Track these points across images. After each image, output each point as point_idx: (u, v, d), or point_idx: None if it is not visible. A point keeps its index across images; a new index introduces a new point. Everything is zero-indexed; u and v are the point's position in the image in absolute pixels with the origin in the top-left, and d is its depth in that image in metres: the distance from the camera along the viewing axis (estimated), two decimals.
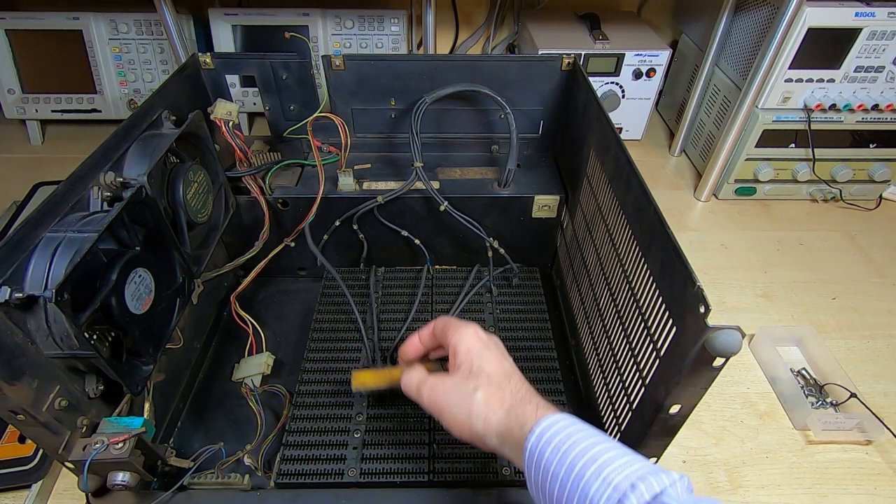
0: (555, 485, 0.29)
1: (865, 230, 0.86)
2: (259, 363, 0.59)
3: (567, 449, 0.30)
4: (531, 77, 0.66)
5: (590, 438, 0.30)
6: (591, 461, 0.29)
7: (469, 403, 0.37)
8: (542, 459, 0.30)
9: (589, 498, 0.28)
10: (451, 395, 0.39)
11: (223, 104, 0.58)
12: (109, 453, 0.40)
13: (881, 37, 0.74)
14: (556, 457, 0.30)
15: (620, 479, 0.27)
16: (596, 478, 0.28)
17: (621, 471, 0.28)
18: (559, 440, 0.30)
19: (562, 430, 0.31)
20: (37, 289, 0.37)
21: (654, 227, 0.40)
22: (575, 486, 0.28)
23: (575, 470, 0.29)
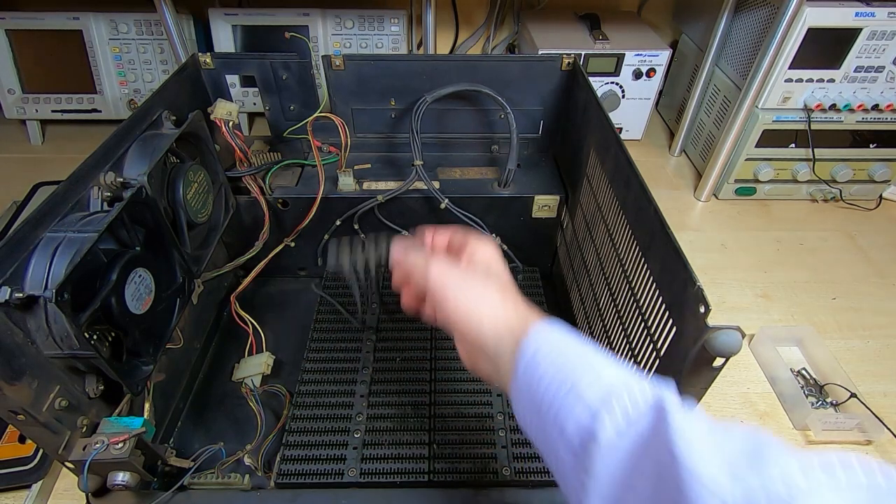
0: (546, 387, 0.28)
1: (865, 230, 0.86)
2: (259, 363, 0.59)
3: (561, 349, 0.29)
4: (531, 77, 0.66)
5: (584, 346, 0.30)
6: (584, 364, 0.28)
7: (481, 293, 0.35)
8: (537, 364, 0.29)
9: (581, 398, 0.27)
10: (463, 281, 0.35)
11: (223, 104, 0.58)
12: (109, 453, 0.40)
13: (881, 37, 0.74)
14: (551, 361, 0.29)
15: (615, 379, 0.27)
16: (587, 372, 0.27)
17: (614, 374, 0.27)
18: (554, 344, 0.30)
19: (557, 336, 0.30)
20: (37, 289, 0.37)
21: (654, 227, 0.40)
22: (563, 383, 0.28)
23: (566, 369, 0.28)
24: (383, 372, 0.58)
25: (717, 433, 0.23)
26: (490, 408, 0.54)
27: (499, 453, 0.51)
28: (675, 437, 0.23)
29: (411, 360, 0.60)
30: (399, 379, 0.57)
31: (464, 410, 0.54)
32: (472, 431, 0.52)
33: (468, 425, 0.53)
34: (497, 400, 0.55)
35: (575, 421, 0.26)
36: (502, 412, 0.54)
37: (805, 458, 0.21)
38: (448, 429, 0.53)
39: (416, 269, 0.38)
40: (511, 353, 0.31)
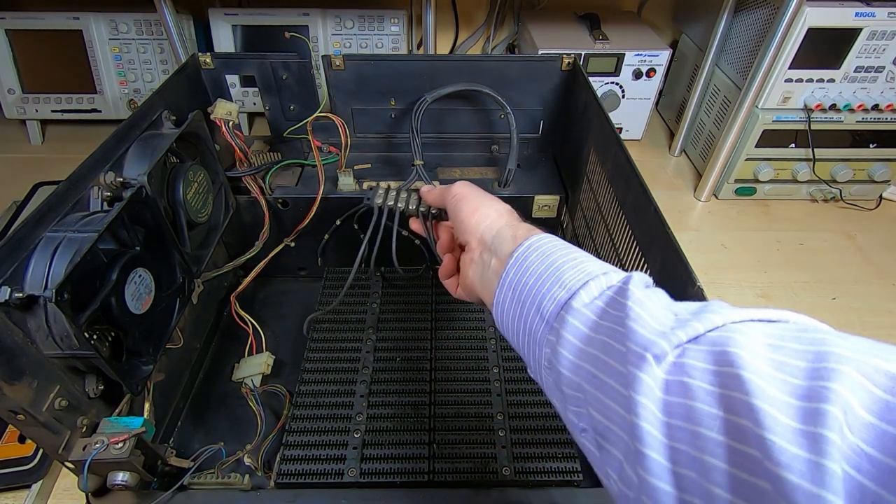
0: (531, 277, 0.31)
1: (865, 230, 0.86)
2: (259, 363, 0.59)
3: (552, 252, 0.31)
4: (531, 77, 0.66)
5: (577, 251, 0.32)
6: (571, 260, 0.30)
7: (493, 201, 0.39)
8: (526, 261, 0.32)
9: (561, 281, 0.29)
10: (480, 193, 0.41)
11: (223, 104, 0.58)
12: (109, 453, 0.40)
13: (881, 37, 0.74)
14: (541, 258, 0.31)
15: (593, 268, 0.29)
16: (572, 268, 0.30)
17: (596, 265, 0.30)
18: (548, 247, 0.32)
19: (553, 241, 0.33)
20: (37, 289, 0.38)
21: (654, 227, 0.40)
22: (550, 275, 0.30)
23: (555, 264, 0.30)
24: (383, 372, 0.58)
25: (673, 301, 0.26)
26: (490, 408, 0.54)
27: (499, 453, 0.51)
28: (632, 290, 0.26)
29: (411, 360, 0.60)
30: (399, 379, 0.57)
31: (464, 410, 0.54)
32: (472, 431, 0.52)
33: (468, 425, 0.53)
34: (497, 400, 0.55)
35: (552, 298, 0.29)
36: (502, 412, 0.54)
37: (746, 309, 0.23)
38: (448, 429, 0.53)
39: (442, 188, 0.44)
40: (507, 251, 0.34)
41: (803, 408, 0.18)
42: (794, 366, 0.19)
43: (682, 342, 0.22)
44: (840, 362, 0.18)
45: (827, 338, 0.20)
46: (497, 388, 0.56)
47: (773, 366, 0.20)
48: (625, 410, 0.23)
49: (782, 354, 0.20)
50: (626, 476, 0.23)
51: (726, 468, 0.19)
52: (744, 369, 0.20)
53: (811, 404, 0.18)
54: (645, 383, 0.22)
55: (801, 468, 0.17)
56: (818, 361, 0.19)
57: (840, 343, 0.19)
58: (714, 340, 0.22)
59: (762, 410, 0.18)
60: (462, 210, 0.40)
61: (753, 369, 0.20)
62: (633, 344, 0.23)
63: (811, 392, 0.18)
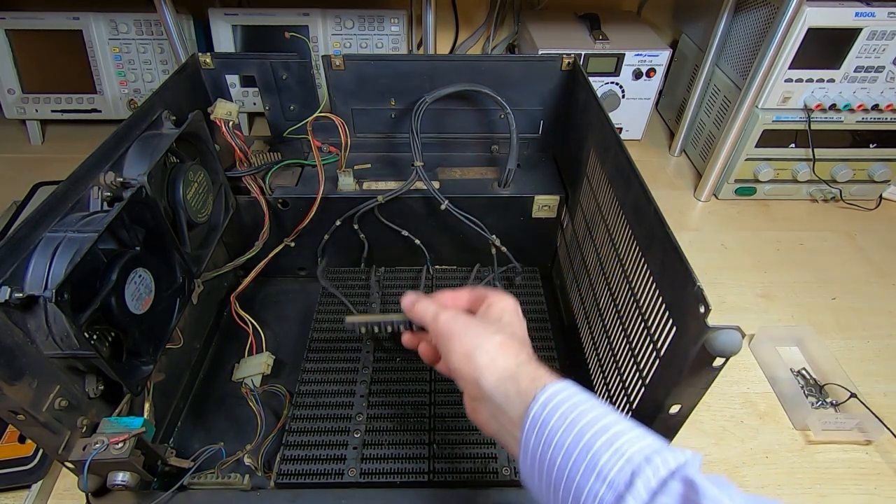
0: (559, 453, 0.27)
1: (865, 230, 0.86)
2: (259, 363, 0.59)
3: (575, 417, 0.28)
4: (531, 77, 0.66)
5: (598, 409, 0.28)
6: (602, 431, 0.27)
7: (484, 340, 0.35)
8: (547, 426, 0.28)
9: (598, 468, 0.26)
10: (469, 327, 0.36)
11: (223, 104, 0.58)
12: (109, 453, 0.40)
13: (881, 37, 0.74)
14: (563, 424, 0.28)
15: (634, 451, 0.26)
16: (607, 448, 0.26)
17: (634, 443, 0.26)
18: (566, 408, 0.29)
19: (569, 398, 0.29)
20: (37, 289, 0.37)
21: (654, 227, 0.40)
22: (583, 455, 0.27)
23: (584, 439, 0.27)
24: (383, 372, 0.58)
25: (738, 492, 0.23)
26: None
27: (499, 453, 0.51)
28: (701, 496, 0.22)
29: (411, 359, 0.59)
30: (399, 379, 0.57)
31: (464, 410, 0.54)
32: (472, 431, 0.52)
33: (468, 425, 0.53)
34: None
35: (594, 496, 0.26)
36: None
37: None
38: (448, 429, 0.53)
39: (426, 314, 0.38)
40: (518, 413, 0.30)
41: None
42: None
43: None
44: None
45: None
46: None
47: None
48: None
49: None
50: None
51: None
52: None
53: None
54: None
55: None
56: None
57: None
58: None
59: None
60: (452, 352, 0.35)
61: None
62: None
63: None
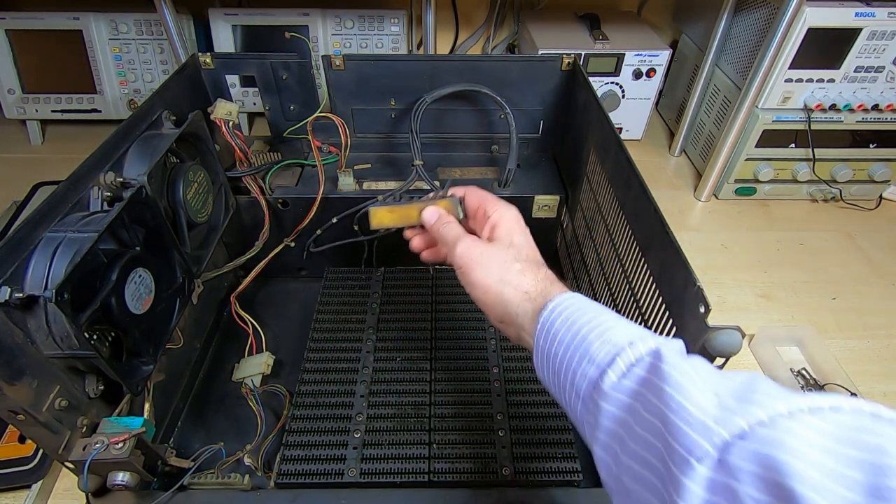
0: (559, 349, 0.31)
1: (865, 230, 0.86)
2: (259, 363, 0.59)
3: (575, 318, 0.31)
4: (531, 77, 0.66)
5: (597, 310, 0.32)
6: (595, 326, 0.30)
7: (506, 269, 0.37)
8: (552, 329, 0.32)
9: (589, 354, 0.29)
10: (488, 257, 0.38)
11: (223, 104, 0.58)
12: (109, 453, 0.40)
13: (881, 37, 0.74)
14: (565, 325, 0.31)
15: (620, 338, 0.29)
16: (597, 338, 0.29)
17: (621, 332, 0.29)
18: (569, 312, 0.32)
19: (573, 304, 0.32)
20: (37, 289, 0.38)
21: (654, 227, 0.40)
22: (577, 347, 0.30)
23: (579, 334, 0.30)
24: (383, 372, 0.58)
25: (713, 374, 0.25)
26: (490, 408, 0.54)
27: (499, 453, 0.50)
28: (668, 371, 0.25)
29: (411, 360, 0.59)
30: (399, 379, 0.57)
31: (464, 410, 0.54)
32: (472, 431, 0.52)
33: (468, 425, 0.53)
34: (497, 400, 0.55)
35: (584, 376, 0.29)
36: (502, 412, 0.54)
37: (793, 396, 0.22)
38: (448, 429, 0.53)
39: (447, 239, 0.41)
40: (530, 322, 0.34)
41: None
42: (852, 478, 0.18)
43: (726, 441, 0.21)
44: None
45: (886, 445, 0.18)
46: (497, 388, 0.56)
47: (828, 476, 0.18)
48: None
49: (837, 462, 0.19)
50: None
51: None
52: (797, 481, 0.18)
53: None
54: (690, 490, 0.21)
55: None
56: (877, 475, 0.18)
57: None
58: (763, 440, 0.21)
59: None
60: (475, 285, 0.38)
61: (807, 482, 0.18)
62: (676, 443, 0.23)
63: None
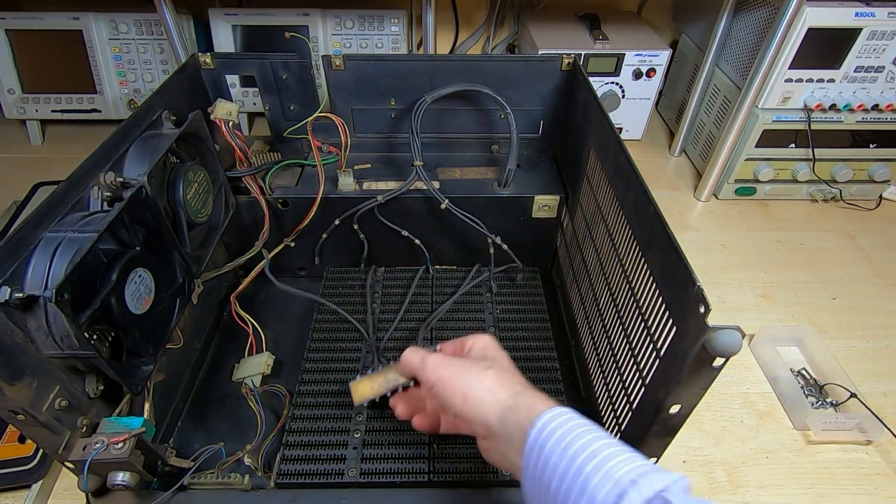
0: (553, 477, 0.29)
1: (865, 230, 0.86)
2: (259, 363, 0.59)
3: (569, 443, 0.30)
4: (531, 77, 0.66)
5: (591, 434, 0.30)
6: (592, 456, 0.28)
7: (480, 377, 0.37)
8: (543, 452, 0.30)
9: (588, 492, 0.27)
10: (461, 368, 0.38)
11: (223, 104, 0.58)
12: (109, 453, 0.40)
13: (881, 37, 0.74)
14: (557, 450, 0.30)
15: (621, 474, 0.27)
16: (596, 472, 0.28)
17: (622, 467, 0.28)
18: (561, 433, 0.30)
19: (564, 423, 0.31)
20: (37, 289, 0.37)
21: (655, 227, 0.40)
22: (575, 479, 0.28)
23: (576, 463, 0.29)
24: None
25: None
26: None
27: None
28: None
29: None
30: None
31: None
32: None
33: None
34: None
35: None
36: None
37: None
38: None
39: (414, 362, 0.41)
40: (518, 438, 0.32)
41: None
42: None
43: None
44: None
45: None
46: None
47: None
48: None
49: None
50: None
51: None
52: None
53: None
54: None
55: None
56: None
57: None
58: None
59: None
60: (451, 400, 0.37)
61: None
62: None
63: None
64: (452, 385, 0.37)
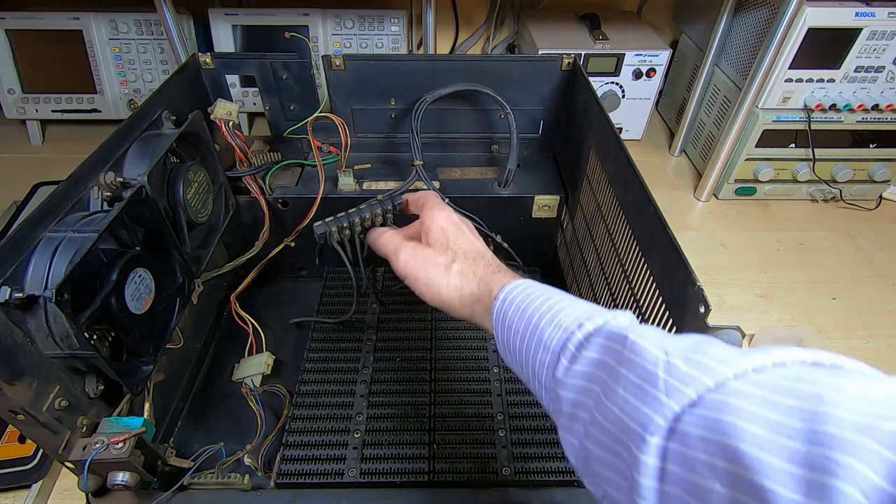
0: (516, 339, 0.32)
1: (865, 230, 0.86)
2: (259, 363, 0.59)
3: (526, 306, 0.32)
4: (531, 77, 0.66)
5: (547, 294, 0.33)
6: (546, 311, 0.31)
7: (447, 275, 0.39)
8: (506, 319, 0.33)
9: (543, 343, 0.30)
10: (429, 265, 0.40)
11: (223, 104, 0.58)
12: (109, 453, 0.40)
13: (881, 37, 0.74)
14: (518, 314, 0.32)
15: (569, 321, 0.30)
16: (549, 324, 0.30)
17: (570, 314, 0.30)
18: (520, 299, 0.33)
19: (523, 290, 0.33)
20: (37, 289, 0.37)
21: (655, 227, 0.40)
22: (532, 336, 0.31)
23: (532, 321, 0.31)
24: (383, 372, 0.58)
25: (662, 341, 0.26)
26: (490, 408, 0.54)
27: (499, 453, 0.51)
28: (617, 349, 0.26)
29: (411, 360, 0.60)
30: (399, 379, 0.57)
31: (464, 410, 0.54)
32: (472, 431, 0.52)
33: (468, 425, 0.53)
34: (497, 400, 0.55)
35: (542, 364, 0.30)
36: (502, 412, 0.54)
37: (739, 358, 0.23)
38: (448, 429, 0.53)
39: (389, 249, 0.44)
40: (487, 319, 0.35)
41: (805, 479, 0.17)
42: (791, 427, 0.19)
43: (677, 412, 0.22)
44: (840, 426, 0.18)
45: (823, 393, 0.19)
46: (497, 388, 0.56)
47: (770, 428, 0.19)
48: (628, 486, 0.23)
49: (779, 413, 0.19)
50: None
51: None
52: (740, 440, 0.19)
53: (815, 476, 0.17)
54: (645, 463, 0.22)
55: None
56: (815, 422, 0.18)
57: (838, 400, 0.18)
58: (710, 405, 0.22)
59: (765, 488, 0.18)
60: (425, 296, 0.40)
61: (750, 438, 0.19)
62: (631, 421, 0.24)
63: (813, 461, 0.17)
64: (424, 284, 0.40)
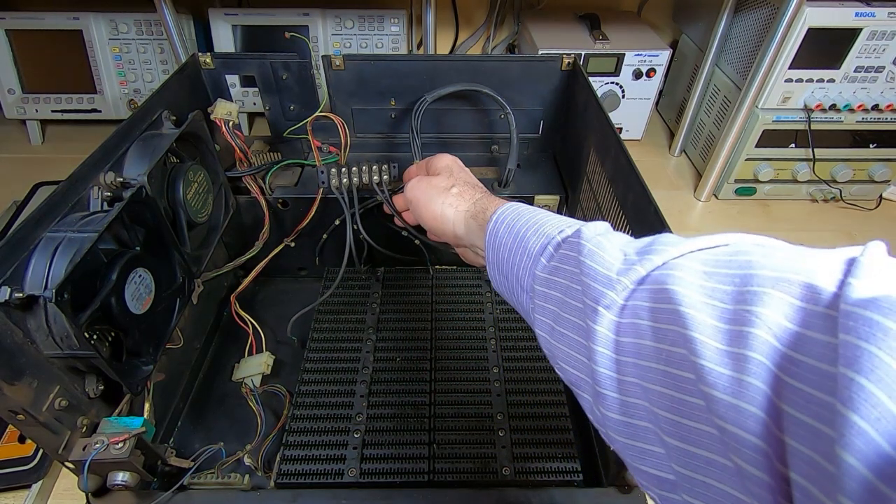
0: (506, 253, 0.35)
1: (865, 230, 0.86)
2: (259, 363, 0.59)
3: (515, 223, 0.35)
4: (531, 77, 0.66)
5: (535, 211, 0.36)
6: (533, 224, 0.34)
7: (445, 195, 0.43)
8: (498, 237, 0.36)
9: (527, 250, 0.33)
10: (431, 188, 0.45)
11: (223, 104, 0.58)
12: (109, 453, 0.40)
13: (881, 37, 0.74)
14: (508, 231, 0.35)
15: (551, 229, 0.33)
16: (534, 234, 0.33)
17: (555, 224, 0.33)
18: (511, 218, 0.36)
19: (514, 211, 0.37)
20: (37, 289, 0.37)
21: (655, 227, 0.40)
22: (518, 246, 0.34)
23: (520, 234, 0.34)
24: (383, 372, 0.58)
25: (623, 240, 0.29)
26: (490, 408, 0.54)
27: (499, 453, 0.51)
28: (584, 244, 0.29)
29: (411, 360, 0.60)
30: (399, 379, 0.58)
31: (464, 410, 0.54)
32: (472, 431, 0.52)
33: (468, 425, 0.53)
34: (497, 400, 0.55)
35: (525, 269, 0.34)
36: (502, 412, 0.54)
37: (688, 242, 0.27)
38: (448, 429, 0.53)
39: (405, 181, 0.51)
40: (479, 238, 0.39)
41: (729, 331, 0.20)
42: (723, 291, 0.22)
43: (628, 287, 0.25)
44: (762, 284, 0.20)
45: (753, 259, 0.22)
46: (497, 388, 0.56)
47: (705, 293, 0.22)
48: (587, 359, 0.27)
49: (714, 281, 0.22)
50: (595, 415, 0.27)
51: (669, 393, 0.22)
52: (680, 304, 0.22)
53: (736, 327, 0.20)
54: (599, 334, 0.25)
55: (725, 384, 0.19)
56: (743, 285, 0.21)
57: (765, 263, 0.21)
58: (656, 279, 0.25)
59: (695, 339, 0.21)
60: (424, 218, 0.45)
61: (688, 302, 0.22)
62: (589, 300, 0.27)
63: (736, 316, 0.20)
64: (424, 204, 0.44)
